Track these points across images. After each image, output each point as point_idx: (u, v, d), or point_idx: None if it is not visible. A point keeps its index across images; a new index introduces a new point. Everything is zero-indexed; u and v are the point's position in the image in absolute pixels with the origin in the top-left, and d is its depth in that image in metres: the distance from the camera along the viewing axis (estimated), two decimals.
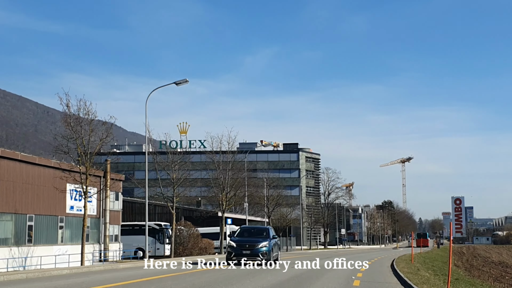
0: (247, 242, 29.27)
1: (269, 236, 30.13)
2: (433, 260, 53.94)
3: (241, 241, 29.63)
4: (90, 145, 30.95)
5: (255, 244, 28.95)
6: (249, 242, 29.25)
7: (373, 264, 35.01)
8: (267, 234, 30.43)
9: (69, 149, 31.01)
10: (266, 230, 31.30)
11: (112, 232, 51.50)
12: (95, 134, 31.37)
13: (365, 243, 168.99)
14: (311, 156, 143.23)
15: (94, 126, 31.27)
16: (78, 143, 30.50)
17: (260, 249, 28.75)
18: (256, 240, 29.51)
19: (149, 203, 73.36)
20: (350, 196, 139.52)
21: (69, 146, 30.93)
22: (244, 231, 31.61)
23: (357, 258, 45.82)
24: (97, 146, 30.91)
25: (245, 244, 29.12)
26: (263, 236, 30.16)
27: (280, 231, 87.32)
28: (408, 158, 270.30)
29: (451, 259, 64.73)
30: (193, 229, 44.08)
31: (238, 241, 29.55)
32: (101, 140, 30.96)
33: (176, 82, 37.41)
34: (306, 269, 27.29)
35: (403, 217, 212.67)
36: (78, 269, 25.82)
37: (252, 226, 36.35)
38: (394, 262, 34.78)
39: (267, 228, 31.99)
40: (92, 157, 31.22)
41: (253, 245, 28.89)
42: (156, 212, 70.05)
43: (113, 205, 51.72)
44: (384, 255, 59.39)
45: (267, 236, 30.12)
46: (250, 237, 30.26)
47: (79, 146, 30.55)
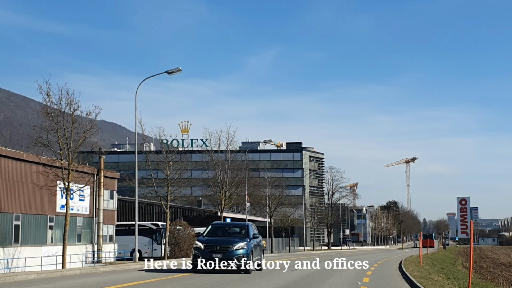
0: (219, 243, 23.22)
1: (248, 235, 24.14)
2: (441, 261, 52.03)
3: (211, 241, 23.50)
4: (73, 138, 28.56)
5: (229, 246, 22.97)
6: (222, 243, 23.21)
7: (379, 267, 32.82)
8: (246, 233, 24.39)
9: (49, 141, 28.60)
10: (245, 227, 25.08)
11: (106, 232, 49.38)
12: (78, 126, 28.90)
13: (369, 244, 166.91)
14: (314, 155, 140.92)
15: (77, 117, 28.74)
16: (59, 135, 28.11)
17: (235, 251, 22.75)
18: (231, 240, 23.59)
19: (147, 203, 71.69)
20: (354, 196, 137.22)
21: (49, 138, 28.47)
22: (217, 228, 25.41)
23: (362, 259, 43.70)
24: (80, 138, 28.52)
25: (215, 246, 23.01)
26: (240, 235, 24.39)
27: (282, 231, 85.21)
28: (412, 158, 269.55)
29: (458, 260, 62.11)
30: (189, 229, 41.87)
31: (208, 242, 23.37)
32: (84, 132, 28.60)
33: (169, 71, 35.40)
34: (305, 273, 25.07)
35: (408, 217, 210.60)
36: (49, 273, 23.32)
37: (228, 222, 28.06)
38: (402, 264, 32.60)
39: (246, 225, 25.45)
40: (75, 151, 28.80)
41: (227, 247, 22.93)
42: (154, 211, 67.93)
43: (108, 204, 49.60)
44: (390, 256, 57.24)
45: (246, 235, 24.19)
46: (223, 237, 24.47)
47: (61, 138, 28.16)
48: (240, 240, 23.45)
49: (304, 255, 57.12)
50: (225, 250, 22.79)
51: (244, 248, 22.93)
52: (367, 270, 28.12)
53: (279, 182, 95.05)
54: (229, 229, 25.63)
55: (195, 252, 23.25)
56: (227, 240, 23.62)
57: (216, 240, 23.58)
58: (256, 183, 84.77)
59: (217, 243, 23.15)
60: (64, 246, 31.28)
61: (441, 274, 27.85)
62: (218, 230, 25.27)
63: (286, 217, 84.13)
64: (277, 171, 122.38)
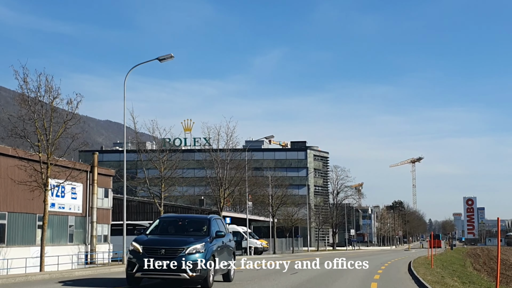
0: (164, 244, 16.38)
1: (209, 233, 17.32)
2: (451, 263, 49.98)
3: (153, 242, 16.73)
4: (53, 129, 26.20)
5: (179, 248, 16.12)
6: (168, 244, 16.40)
7: (388, 269, 30.60)
8: (207, 230, 17.54)
9: (26, 133, 26.17)
10: (205, 222, 18.05)
11: (101, 232, 47.31)
12: (58, 115, 26.48)
13: (375, 244, 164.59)
14: (319, 154, 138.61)
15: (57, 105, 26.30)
16: (37, 125, 25.72)
17: (188, 256, 15.95)
18: (182, 240, 16.62)
19: (145, 202, 69.64)
20: (360, 195, 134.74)
21: (26, 129, 26.03)
22: (166, 224, 18.44)
23: (369, 261, 41.50)
24: (60, 129, 26.16)
25: (159, 249, 16.15)
26: (199, 234, 17.38)
27: (286, 231, 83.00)
28: (418, 158, 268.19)
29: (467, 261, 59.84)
30: None
31: (148, 243, 16.64)
32: (64, 122, 26.24)
33: (159, 58, 33.40)
34: (305, 278, 22.85)
35: (414, 218, 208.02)
36: (10, 278, 20.85)
37: (183, 215, 22.12)
38: (412, 266, 30.35)
39: (207, 218, 18.30)
40: (54, 143, 26.39)
41: (175, 250, 16.11)
42: (153, 210, 65.81)
43: (102, 202, 47.52)
44: (397, 257, 55.01)
45: (206, 233, 17.36)
46: (173, 235, 17.61)
47: (39, 129, 25.79)
48: (197, 240, 16.55)
49: (307, 256, 54.95)
50: (172, 254, 15.91)
51: (201, 251, 16.14)
52: (375, 273, 25.91)
53: (283, 181, 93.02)
54: (184, 224, 18.47)
55: (130, 257, 16.35)
56: (176, 240, 16.73)
57: (160, 241, 16.73)
58: (258, 182, 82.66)
59: (162, 245, 16.26)
60: (42, 247, 29.05)
61: (455, 278, 25.67)
62: (168, 226, 18.28)
63: (290, 217, 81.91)
64: (281, 170, 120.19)
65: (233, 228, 57.74)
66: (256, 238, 61.14)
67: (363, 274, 24.64)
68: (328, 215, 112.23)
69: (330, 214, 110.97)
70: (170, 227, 18.18)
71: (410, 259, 50.19)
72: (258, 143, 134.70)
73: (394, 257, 55.64)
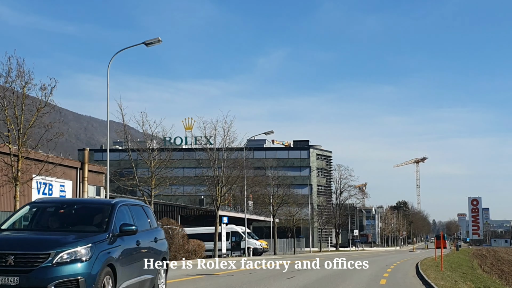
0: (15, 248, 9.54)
1: (108, 229, 10.71)
2: (459, 265, 47.68)
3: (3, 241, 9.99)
4: (25, 117, 23.85)
5: (41, 254, 9.40)
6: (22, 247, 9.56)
7: (394, 272, 28.29)
8: (106, 223, 10.83)
9: None
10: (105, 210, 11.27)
11: None
12: (32, 103, 24.11)
13: (378, 245, 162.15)
14: (322, 153, 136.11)
15: (29, 91, 23.91)
16: (7, 113, 23.28)
17: (57, 269, 9.30)
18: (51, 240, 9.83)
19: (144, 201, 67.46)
20: (363, 195, 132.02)
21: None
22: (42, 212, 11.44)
23: (373, 262, 39.20)
24: (33, 117, 23.83)
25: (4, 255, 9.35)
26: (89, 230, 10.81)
27: (288, 232, 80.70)
28: (422, 158, 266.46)
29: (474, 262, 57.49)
30: (178, 228, 37.38)
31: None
32: (38, 110, 23.90)
33: (146, 42, 31.26)
34: (301, 283, 20.54)
35: (418, 218, 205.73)
36: None
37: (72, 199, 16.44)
38: (421, 269, 28.01)
39: (110, 204, 11.48)
40: (26, 133, 23.99)
41: (34, 258, 9.38)
42: None
43: None
44: (403, 259, 52.70)
45: (105, 228, 10.73)
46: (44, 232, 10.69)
47: (8, 117, 23.39)
48: (79, 239, 9.89)
49: (307, 257, 52.70)
50: (28, 264, 9.29)
51: (84, 259, 9.59)
52: (380, 277, 23.59)
53: (285, 180, 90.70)
54: (69, 213, 11.49)
55: None
56: (38, 239, 9.93)
57: (11, 240, 10.10)
58: (259, 181, 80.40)
59: (11, 247, 9.55)
60: None
61: (468, 282, 23.33)
62: (43, 216, 11.36)
63: (291, 217, 79.60)
64: (283, 170, 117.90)
65: (231, 228, 55.45)
66: (256, 238, 58.76)
67: (368, 279, 22.32)
68: (331, 215, 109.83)
69: (333, 214, 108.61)
70: (46, 218, 11.27)
71: (416, 260, 47.94)
72: (260, 142, 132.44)
73: (399, 259, 53.33)
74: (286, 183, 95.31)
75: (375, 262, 40.97)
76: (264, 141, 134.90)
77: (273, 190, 70.96)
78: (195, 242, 39.50)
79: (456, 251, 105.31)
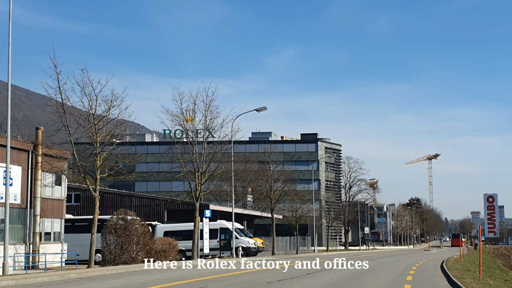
0: None
1: None
2: (488, 267, 40.84)
3: None
4: None
5: None
6: None
7: (418, 279, 20.84)
8: None
9: None
10: None
11: (50, 228, 37.84)
12: None
13: (390, 244, 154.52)
14: (331, 146, 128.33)
15: None
16: None
17: None
18: None
19: (125, 194, 60.28)
20: (374, 190, 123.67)
21: None
22: None
23: (385, 265, 31.87)
24: None
25: None
26: None
27: (294, 229, 73.25)
28: (435, 155, 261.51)
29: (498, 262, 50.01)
30: (138, 221, 29.84)
31: None
32: None
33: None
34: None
35: (431, 216, 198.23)
36: None
37: None
38: (454, 276, 20.54)
39: None
40: None
41: None
42: (133, 204, 56.39)
43: (52, 191, 38.08)
44: (422, 260, 45.12)
45: None
46: None
47: None
48: None
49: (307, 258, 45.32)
50: None
51: None
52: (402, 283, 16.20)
53: (291, 175, 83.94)
54: None
55: None
56: None
57: None
58: (261, 175, 73.24)
59: None
60: None
61: None
62: None
63: (294, 212, 72.17)
64: (290, 164, 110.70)
65: (221, 224, 47.76)
66: (250, 236, 50.71)
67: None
68: (339, 212, 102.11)
69: (342, 210, 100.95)
70: None
71: (437, 261, 40.92)
72: (265, 135, 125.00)
73: (417, 259, 45.78)
74: (293, 177, 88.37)
75: (390, 265, 33.67)
76: (269, 133, 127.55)
77: (271, 181, 63.24)
78: (166, 240, 32.14)
79: (475, 250, 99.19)
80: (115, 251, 28.98)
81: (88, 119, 30.07)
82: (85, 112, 30.50)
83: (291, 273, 23.09)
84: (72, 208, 55.13)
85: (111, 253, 28.96)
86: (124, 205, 56.55)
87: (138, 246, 28.53)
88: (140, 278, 20.99)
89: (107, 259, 29.14)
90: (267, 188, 62.98)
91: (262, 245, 51.43)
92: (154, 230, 47.46)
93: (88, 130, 30.32)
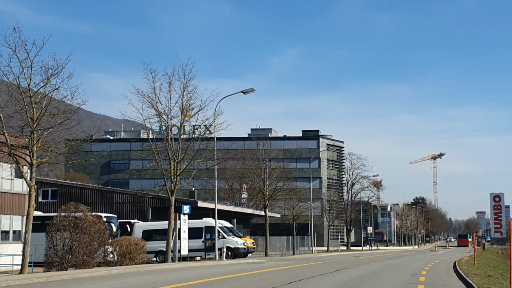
0: None
1: None
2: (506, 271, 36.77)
3: None
4: None
5: None
6: None
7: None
8: None
9: None
10: None
11: (8, 226, 33.36)
12: None
13: (394, 244, 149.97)
14: (333, 143, 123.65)
15: None
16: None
17: None
18: None
19: (106, 190, 55.87)
20: (378, 188, 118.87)
21: None
22: None
23: (389, 270, 27.41)
24: None
25: None
26: None
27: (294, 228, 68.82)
28: (439, 154, 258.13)
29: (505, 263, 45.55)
30: (93, 217, 25.10)
31: None
32: None
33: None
34: None
35: (436, 215, 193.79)
36: None
37: None
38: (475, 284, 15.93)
39: None
40: None
41: None
42: (115, 201, 51.94)
43: (11, 184, 33.62)
44: (430, 262, 40.53)
45: None
46: None
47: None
48: None
49: (303, 260, 40.72)
50: None
51: None
52: None
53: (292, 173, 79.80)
54: None
55: None
56: None
57: None
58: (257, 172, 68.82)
59: None
60: None
61: None
62: None
63: (291, 209, 67.90)
64: (290, 161, 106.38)
65: (206, 223, 42.95)
66: (238, 235, 45.85)
67: None
68: (341, 210, 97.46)
69: (344, 209, 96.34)
70: None
71: (448, 263, 36.51)
72: (265, 131, 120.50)
73: (425, 262, 41.18)
74: (293, 175, 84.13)
75: (394, 268, 29.16)
76: (269, 130, 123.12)
77: (265, 176, 58.74)
78: (131, 240, 27.50)
79: (483, 250, 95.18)
80: (62, 252, 24.30)
81: (19, 89, 25.05)
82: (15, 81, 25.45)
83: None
84: (48, 205, 50.92)
85: (57, 255, 24.32)
86: (105, 201, 52.29)
87: (92, 247, 24.00)
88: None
89: (53, 262, 24.53)
90: (260, 184, 58.46)
91: (253, 246, 46.70)
92: (132, 228, 43.20)
93: (21, 103, 25.35)
